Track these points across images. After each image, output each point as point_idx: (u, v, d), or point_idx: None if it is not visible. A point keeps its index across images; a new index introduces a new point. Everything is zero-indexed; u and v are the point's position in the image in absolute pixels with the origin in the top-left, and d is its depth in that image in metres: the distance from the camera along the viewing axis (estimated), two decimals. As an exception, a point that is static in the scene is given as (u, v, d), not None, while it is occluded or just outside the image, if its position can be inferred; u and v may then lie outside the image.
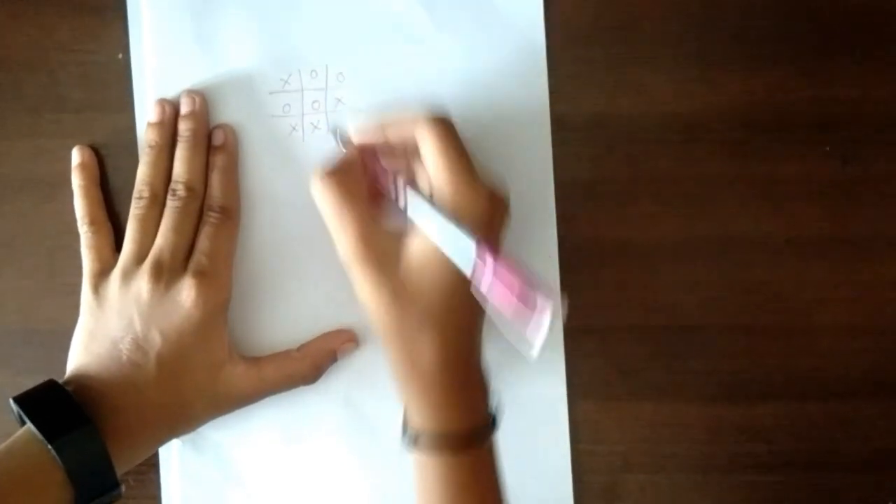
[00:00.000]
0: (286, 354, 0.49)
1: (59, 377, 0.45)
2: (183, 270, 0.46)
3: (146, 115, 0.50)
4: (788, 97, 0.49)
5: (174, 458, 0.50)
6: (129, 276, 0.46)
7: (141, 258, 0.47)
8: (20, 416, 0.43)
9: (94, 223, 0.49)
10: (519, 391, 0.50)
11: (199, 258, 0.47)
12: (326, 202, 0.44)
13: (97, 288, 0.47)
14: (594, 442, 0.50)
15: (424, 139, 0.43)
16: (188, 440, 0.50)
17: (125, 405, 0.44)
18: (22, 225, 0.51)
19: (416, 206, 0.43)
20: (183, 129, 0.49)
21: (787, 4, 0.50)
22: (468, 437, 0.44)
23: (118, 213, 0.50)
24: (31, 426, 0.42)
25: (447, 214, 0.42)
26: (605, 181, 0.50)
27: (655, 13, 0.50)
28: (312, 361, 0.49)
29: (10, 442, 0.42)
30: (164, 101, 0.49)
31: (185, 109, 0.49)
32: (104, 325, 0.46)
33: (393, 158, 0.46)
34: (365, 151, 0.46)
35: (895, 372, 0.50)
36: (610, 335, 0.50)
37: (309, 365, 0.49)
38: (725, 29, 0.50)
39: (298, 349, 0.49)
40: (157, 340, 0.45)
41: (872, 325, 0.50)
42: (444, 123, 0.43)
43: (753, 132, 0.50)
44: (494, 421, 0.46)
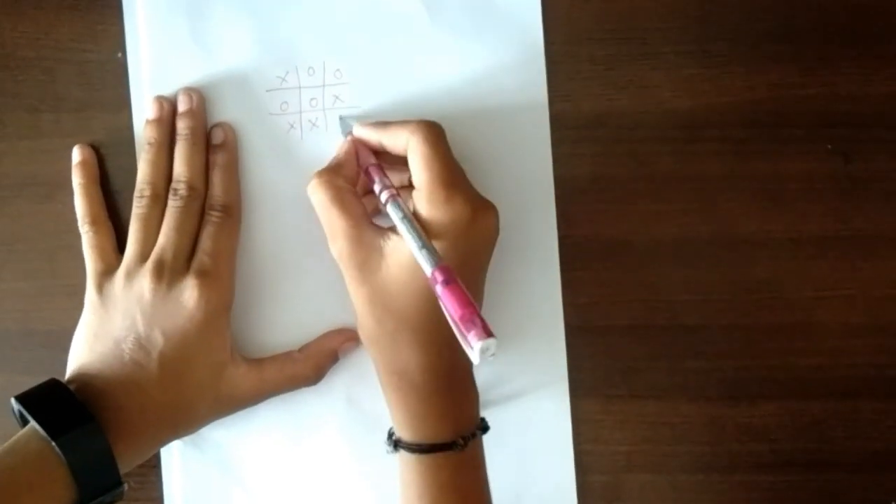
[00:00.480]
0: (288, 356, 0.49)
1: (59, 377, 0.45)
2: (186, 270, 0.46)
3: (144, 113, 0.50)
4: (790, 95, 0.49)
5: (175, 458, 0.50)
6: (132, 275, 0.46)
7: (144, 257, 0.47)
8: (21, 415, 0.43)
9: (95, 222, 0.49)
10: (521, 391, 0.50)
11: (201, 258, 0.47)
12: (319, 200, 0.45)
13: (101, 287, 0.47)
14: (596, 441, 0.50)
15: (412, 144, 0.43)
16: (189, 440, 0.50)
17: (128, 404, 0.44)
18: (21, 225, 0.51)
19: (392, 211, 0.43)
20: (181, 126, 0.49)
21: (788, 2, 0.49)
22: (451, 445, 0.44)
23: (118, 212, 0.50)
24: (34, 424, 0.42)
25: (415, 224, 0.42)
26: (605, 180, 0.50)
27: (655, 11, 0.50)
28: (314, 362, 0.49)
29: (12, 441, 0.42)
30: (161, 98, 0.49)
31: (182, 107, 0.49)
32: (107, 324, 0.46)
33: (389, 162, 0.46)
34: (361, 151, 0.46)
35: (898, 371, 0.50)
36: (611, 334, 0.50)
37: (311, 366, 0.49)
38: (726, 27, 0.49)
39: (300, 350, 0.49)
40: (159, 340, 0.45)
41: (874, 323, 0.50)
42: (432, 129, 0.44)
43: (755, 130, 0.49)
44: (483, 426, 0.46)
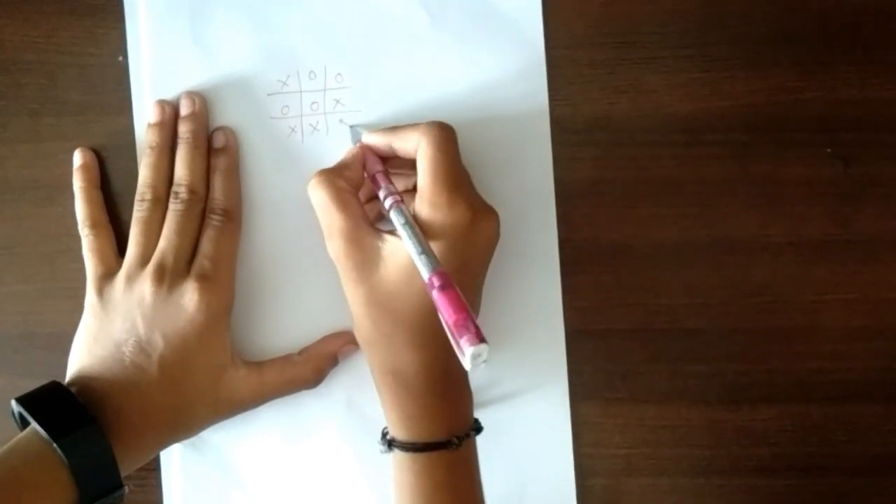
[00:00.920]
0: (287, 359, 0.49)
1: (60, 380, 0.45)
2: (186, 273, 0.46)
3: (145, 117, 0.50)
4: (790, 99, 0.49)
5: (175, 461, 0.50)
6: (132, 279, 0.47)
7: (145, 261, 0.47)
8: (21, 417, 0.43)
9: (95, 226, 0.49)
10: (521, 394, 0.50)
11: (202, 262, 0.47)
12: (318, 198, 0.45)
13: (101, 291, 0.47)
14: (596, 445, 0.50)
15: (421, 146, 0.44)
16: (189, 443, 0.50)
17: (128, 406, 0.44)
18: (22, 228, 0.51)
19: (395, 216, 0.43)
20: (183, 130, 0.49)
21: (788, 6, 0.49)
22: (446, 444, 0.44)
23: (119, 215, 0.50)
24: (34, 426, 0.42)
25: (416, 229, 0.42)
26: (605, 183, 0.50)
27: (655, 15, 0.50)
28: (314, 365, 0.49)
29: (12, 442, 0.42)
30: (163, 101, 0.49)
31: (184, 111, 0.49)
32: (107, 327, 0.46)
33: (398, 167, 0.47)
34: (369, 158, 0.47)
35: (898, 375, 0.50)
36: (611, 338, 0.50)
37: (311, 369, 0.49)
38: (726, 31, 0.49)
39: (300, 353, 0.49)
40: (159, 343, 0.45)
41: (874, 327, 0.50)
42: (441, 132, 0.44)
43: (755, 134, 0.49)
44: (477, 427, 0.46)
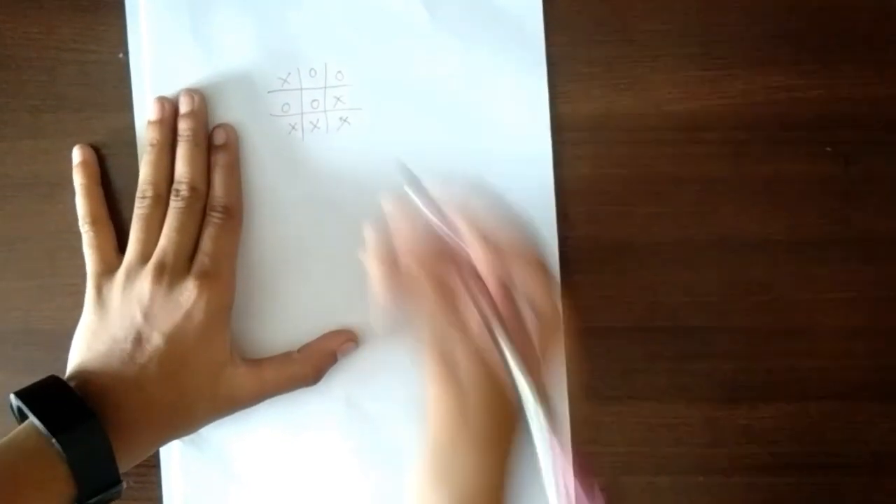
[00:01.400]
0: (287, 356, 0.49)
1: (60, 376, 0.45)
2: (186, 271, 0.46)
3: (146, 113, 0.50)
4: (790, 97, 0.49)
5: (175, 458, 0.50)
6: (132, 276, 0.47)
7: (145, 258, 0.47)
8: (20, 411, 0.43)
9: (96, 222, 0.49)
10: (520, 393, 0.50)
11: (202, 259, 0.47)
12: (424, 292, 0.42)
13: (100, 288, 0.47)
14: (595, 443, 0.50)
15: (522, 275, 0.42)
16: (189, 440, 0.50)
17: (127, 402, 0.44)
18: (23, 225, 0.51)
19: (504, 350, 0.41)
20: (183, 127, 0.49)
21: (788, 4, 0.49)
22: None
23: (119, 212, 0.50)
24: (33, 420, 0.42)
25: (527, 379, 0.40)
26: (605, 181, 0.50)
27: (656, 13, 0.50)
28: (313, 363, 0.49)
29: (10, 437, 0.42)
30: (163, 98, 0.49)
31: (184, 108, 0.49)
32: (107, 324, 0.46)
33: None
34: (441, 234, 0.43)
35: (897, 373, 0.50)
36: (610, 336, 0.50)
37: (310, 366, 0.49)
38: (726, 29, 0.50)
39: (299, 350, 0.49)
40: (159, 341, 0.45)
41: (874, 325, 0.50)
42: (542, 270, 0.42)
43: (755, 132, 0.50)
44: None
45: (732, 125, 0.50)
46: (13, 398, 0.43)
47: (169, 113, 0.49)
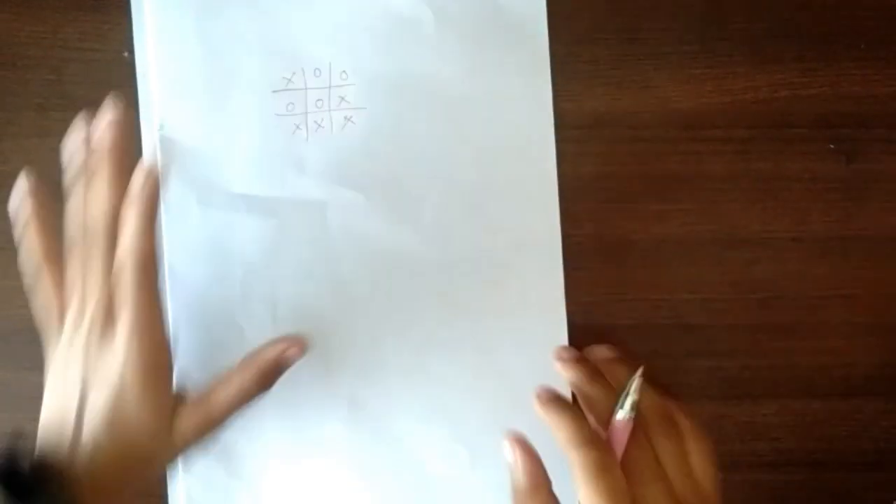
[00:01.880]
0: (227, 374, 0.45)
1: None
2: (113, 321, 0.43)
3: (149, 113, 0.50)
4: (793, 95, 0.49)
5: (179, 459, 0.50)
6: (73, 335, 0.43)
7: (82, 312, 0.43)
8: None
9: (53, 261, 0.45)
10: (523, 389, 0.50)
11: (126, 315, 0.42)
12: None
13: (57, 351, 0.44)
14: (598, 440, 0.50)
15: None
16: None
17: (88, 475, 0.41)
18: (27, 223, 0.51)
19: None
20: (107, 163, 0.44)
21: (791, 2, 0.50)
22: None
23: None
24: None
25: None
26: (608, 179, 0.50)
27: (659, 11, 0.50)
28: (255, 370, 0.45)
29: None
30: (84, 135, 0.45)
31: (112, 142, 0.44)
32: (53, 385, 0.44)
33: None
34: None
35: (900, 370, 0.50)
36: (613, 333, 0.50)
37: (253, 375, 0.45)
38: (729, 27, 0.50)
39: (238, 364, 0.46)
40: (100, 399, 0.43)
41: (877, 323, 0.50)
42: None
43: (757, 130, 0.50)
44: None
45: (735, 123, 0.50)
46: None
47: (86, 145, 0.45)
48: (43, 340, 0.44)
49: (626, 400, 0.41)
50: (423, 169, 0.50)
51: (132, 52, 0.50)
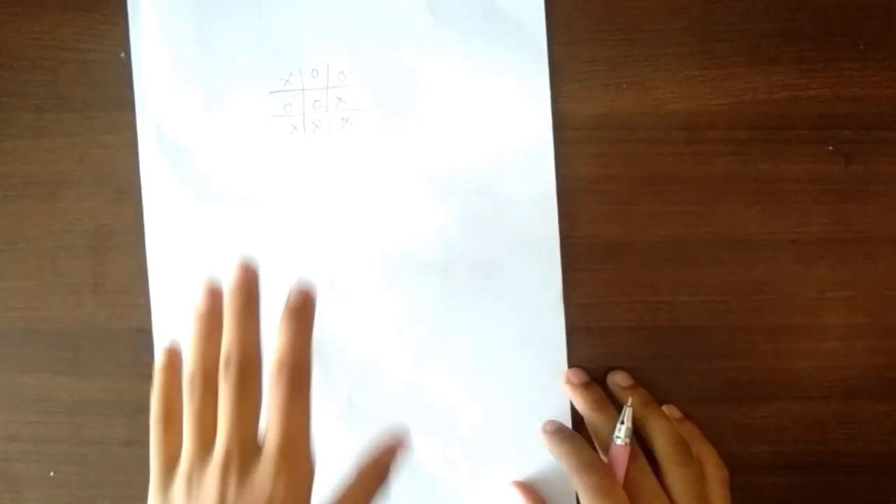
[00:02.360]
0: (351, 488, 0.44)
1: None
2: (257, 454, 0.41)
3: (147, 114, 0.50)
4: (791, 96, 0.49)
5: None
6: (196, 475, 0.42)
7: (207, 451, 0.42)
8: None
9: (165, 420, 0.44)
10: (521, 390, 0.50)
11: (273, 438, 0.41)
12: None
13: (165, 494, 0.42)
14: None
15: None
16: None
17: None
18: (24, 224, 0.51)
19: None
20: (234, 300, 0.43)
21: (789, 3, 0.49)
22: None
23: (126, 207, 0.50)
24: None
25: None
26: (607, 180, 0.50)
27: (657, 12, 0.50)
28: (377, 479, 0.44)
29: None
30: (212, 287, 0.44)
31: (239, 281, 0.43)
32: None
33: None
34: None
35: (898, 372, 0.50)
36: (611, 335, 0.50)
37: (377, 484, 0.44)
38: (728, 28, 0.50)
39: (355, 473, 0.45)
40: None
41: (876, 325, 0.50)
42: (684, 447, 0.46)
43: (756, 131, 0.50)
44: None
45: (734, 124, 0.50)
46: None
47: (219, 300, 0.44)
48: (151, 478, 0.43)
49: (621, 428, 0.46)
50: (420, 170, 0.50)
51: (129, 52, 0.50)
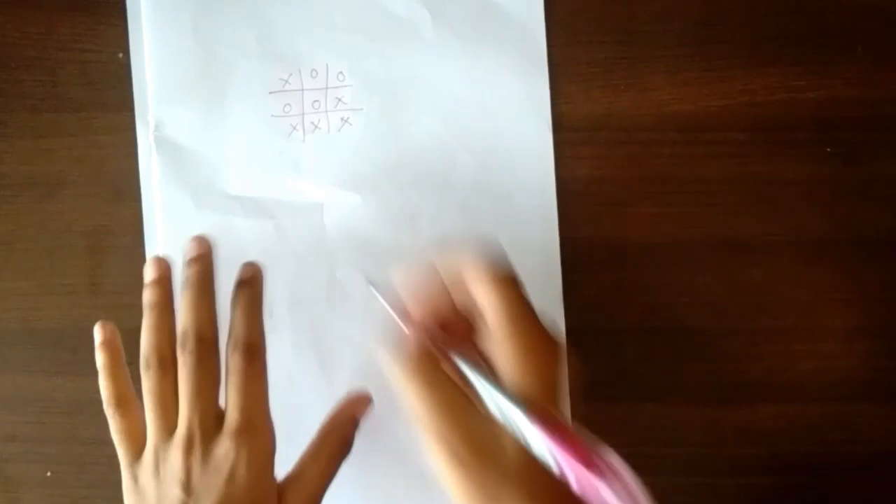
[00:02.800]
0: (312, 448, 0.46)
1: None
2: (217, 431, 0.43)
3: (145, 115, 0.50)
4: (790, 98, 0.49)
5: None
6: (161, 454, 0.43)
7: (170, 431, 0.43)
8: None
9: (121, 405, 0.45)
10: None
11: (233, 415, 0.43)
12: (416, 397, 0.40)
13: (135, 475, 0.44)
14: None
15: (487, 303, 0.40)
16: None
17: None
18: (22, 224, 0.51)
19: (471, 376, 0.40)
20: (189, 273, 0.45)
21: (788, 5, 0.50)
22: None
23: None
24: None
25: (500, 388, 0.39)
26: (605, 182, 0.50)
27: (656, 14, 0.50)
28: (337, 437, 0.46)
29: None
30: (158, 258, 0.47)
31: (192, 253, 0.46)
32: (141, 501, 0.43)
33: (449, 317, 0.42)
34: (420, 317, 0.42)
35: (896, 374, 0.50)
36: (610, 336, 0.50)
37: (337, 440, 0.46)
38: (726, 30, 0.50)
39: (318, 433, 0.46)
40: None
41: (873, 327, 0.50)
42: (510, 286, 0.40)
43: (754, 133, 0.50)
44: None
45: (732, 126, 0.50)
46: None
47: (166, 270, 0.46)
48: (121, 463, 0.44)
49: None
50: (419, 171, 0.50)
51: (128, 53, 0.50)
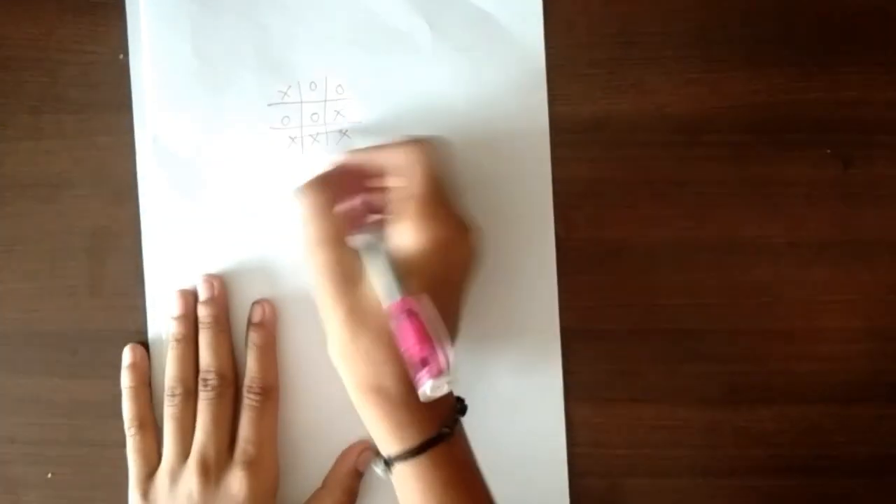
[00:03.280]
0: (316, 497, 0.49)
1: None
2: (229, 460, 0.47)
3: (144, 124, 0.50)
4: (790, 100, 0.49)
5: None
6: (176, 475, 0.47)
7: (184, 456, 0.47)
8: None
9: (142, 426, 0.49)
10: (515, 395, 0.50)
11: (244, 447, 0.47)
12: (308, 204, 0.44)
13: (145, 492, 0.48)
14: (594, 445, 0.50)
15: (399, 162, 0.43)
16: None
17: None
18: (22, 226, 0.51)
19: (360, 235, 0.44)
20: (204, 315, 0.49)
21: (788, 6, 0.49)
22: (440, 438, 0.42)
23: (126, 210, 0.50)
24: None
25: (380, 250, 0.42)
26: (604, 183, 0.50)
27: (656, 15, 0.50)
28: (341, 489, 0.49)
29: None
30: (184, 291, 0.50)
31: (204, 295, 0.49)
32: None
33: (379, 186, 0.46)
34: (351, 171, 0.46)
35: (896, 375, 0.50)
36: (609, 338, 0.50)
37: (340, 493, 0.49)
38: (726, 31, 0.49)
39: (323, 485, 0.49)
40: None
41: (873, 328, 0.49)
42: (422, 148, 0.43)
43: (754, 134, 0.49)
44: (461, 407, 0.44)
45: (732, 127, 0.50)
46: None
47: (191, 305, 0.49)
48: (130, 480, 0.48)
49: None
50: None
51: (127, 54, 0.50)
